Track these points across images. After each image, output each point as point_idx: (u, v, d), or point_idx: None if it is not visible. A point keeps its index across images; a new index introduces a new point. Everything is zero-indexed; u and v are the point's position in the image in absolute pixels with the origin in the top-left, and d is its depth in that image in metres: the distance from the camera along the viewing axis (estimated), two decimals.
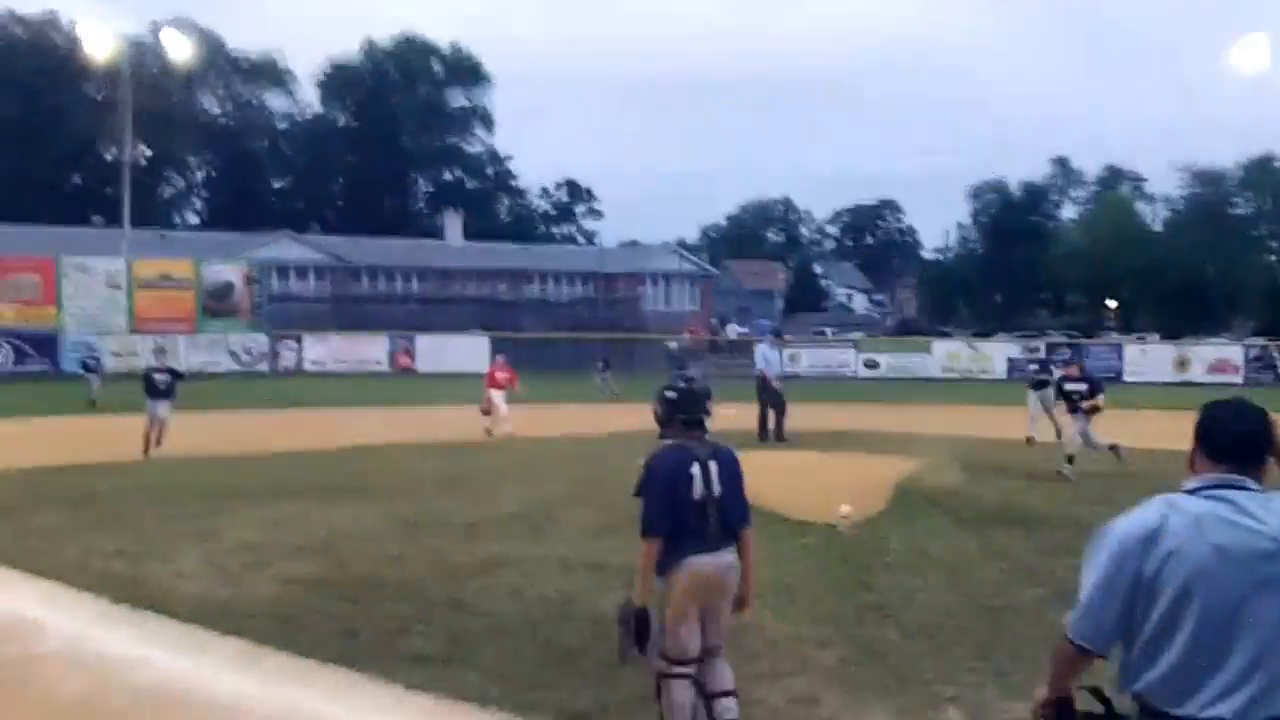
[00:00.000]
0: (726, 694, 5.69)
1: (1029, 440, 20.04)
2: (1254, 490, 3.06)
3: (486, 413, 22.15)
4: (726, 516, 5.57)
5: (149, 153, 51.37)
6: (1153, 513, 3.07)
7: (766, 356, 21.42)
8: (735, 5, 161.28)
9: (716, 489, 5.53)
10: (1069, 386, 16.23)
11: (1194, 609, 2.96)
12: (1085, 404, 15.59)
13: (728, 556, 5.59)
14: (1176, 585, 2.97)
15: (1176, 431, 4.64)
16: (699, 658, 5.63)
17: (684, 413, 5.75)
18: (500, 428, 21.74)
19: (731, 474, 5.66)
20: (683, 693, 5.57)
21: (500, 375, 22.74)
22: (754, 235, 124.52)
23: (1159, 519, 3.04)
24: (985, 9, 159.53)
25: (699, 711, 5.63)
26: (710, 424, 5.80)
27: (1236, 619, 2.93)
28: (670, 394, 5.83)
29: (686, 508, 5.48)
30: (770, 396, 20.61)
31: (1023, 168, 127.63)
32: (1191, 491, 3.10)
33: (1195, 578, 2.95)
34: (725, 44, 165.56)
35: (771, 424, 20.46)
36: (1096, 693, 3.31)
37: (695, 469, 5.52)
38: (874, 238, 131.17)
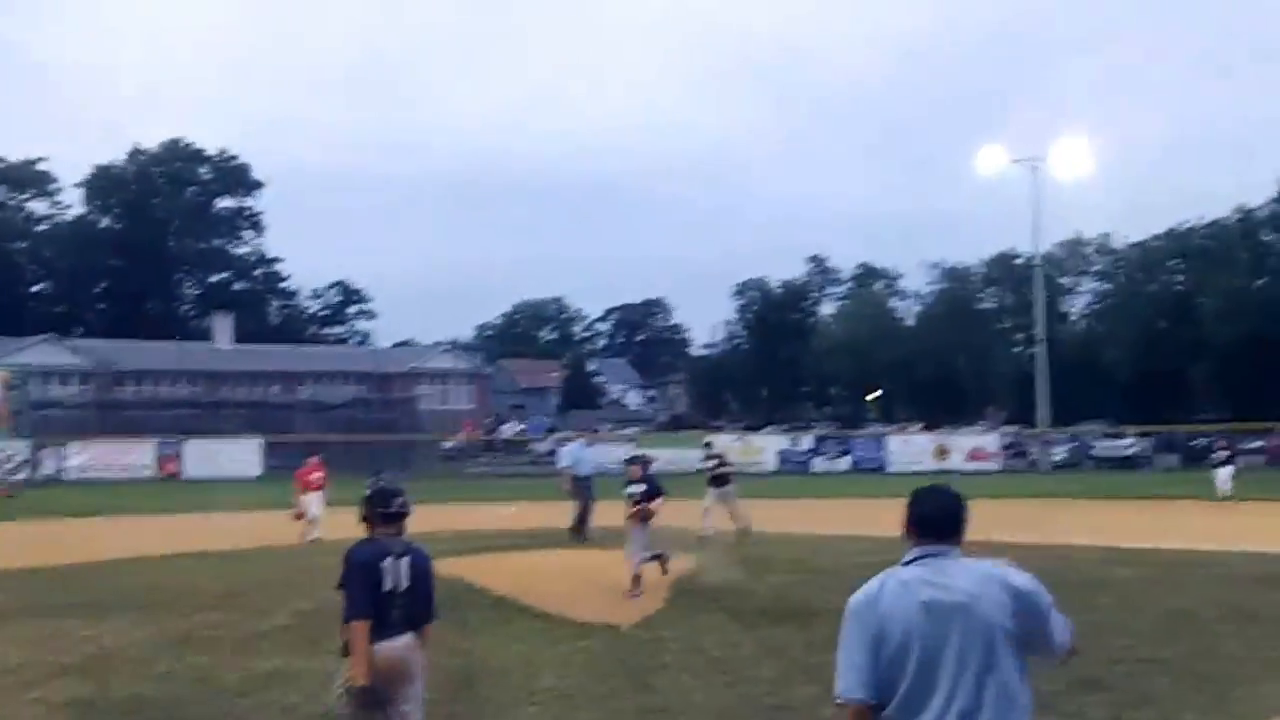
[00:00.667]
0: None
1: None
2: (948, 556, 3.76)
3: (300, 517, 21.08)
4: (412, 610, 5.99)
5: None
6: (874, 582, 3.77)
7: (575, 455, 21.39)
8: (502, 108, 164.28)
9: (404, 583, 5.95)
10: (630, 489, 14.87)
11: (913, 654, 3.62)
12: (644, 506, 14.54)
13: (407, 639, 5.98)
14: (896, 636, 3.64)
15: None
16: None
17: (379, 508, 6.17)
18: (311, 532, 20.72)
19: (421, 571, 6.07)
20: None
21: (315, 476, 21.76)
22: (528, 334, 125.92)
23: (879, 586, 3.75)
24: (745, 115, 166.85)
25: None
26: (407, 523, 6.22)
27: (940, 660, 3.60)
28: (366, 492, 6.32)
29: (379, 598, 5.89)
30: (581, 494, 20.43)
31: (783, 266, 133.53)
32: (906, 563, 3.78)
33: (909, 629, 3.63)
34: (495, 146, 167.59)
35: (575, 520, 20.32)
36: None
37: (388, 562, 5.94)
38: (645, 334, 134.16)
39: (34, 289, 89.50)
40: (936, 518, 3.86)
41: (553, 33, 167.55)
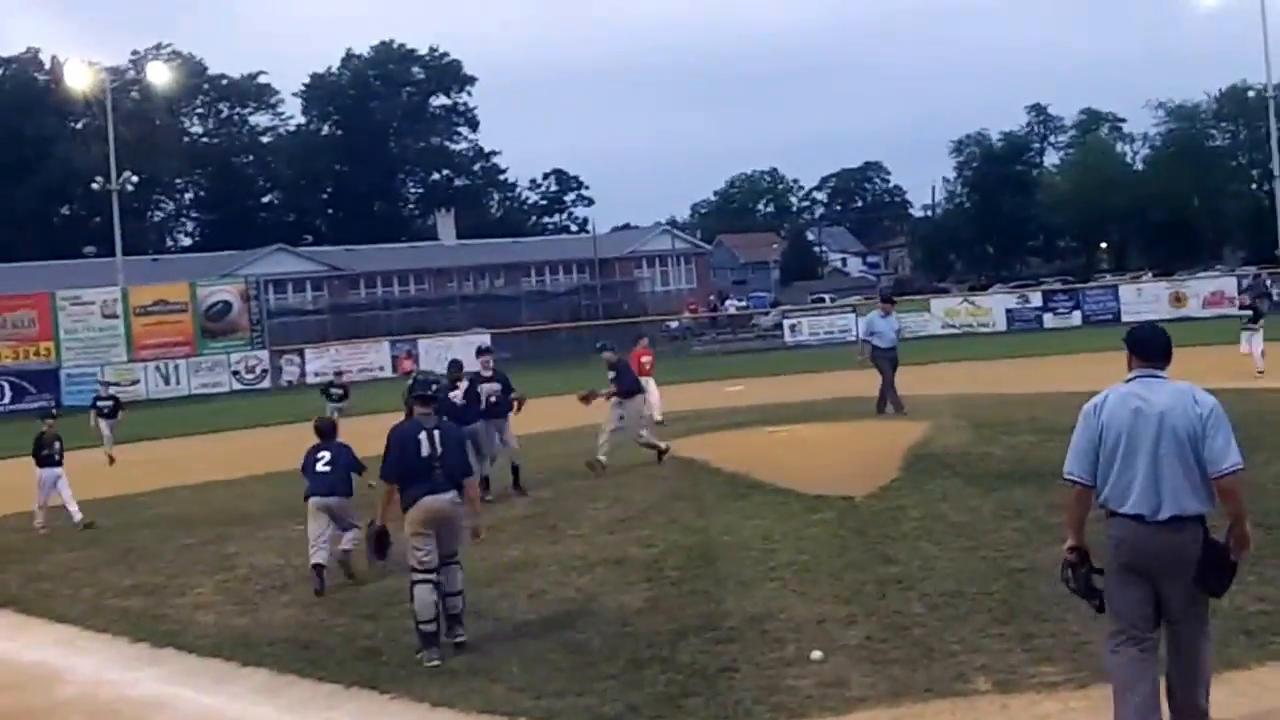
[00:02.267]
0: (455, 594, 7.88)
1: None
2: (1159, 378, 5.15)
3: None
4: (449, 469, 7.91)
5: (136, 179, 51.36)
6: (1100, 395, 5.24)
7: (873, 325, 19.81)
8: None
9: (439, 450, 7.86)
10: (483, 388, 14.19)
11: (1122, 447, 5.05)
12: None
13: (449, 494, 7.86)
14: (1112, 434, 5.09)
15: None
16: (436, 568, 7.73)
17: (417, 393, 8.30)
18: (654, 415, 19.90)
19: (450, 439, 8.12)
20: (424, 592, 7.69)
21: (645, 360, 20.98)
22: (744, 208, 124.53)
23: (1104, 397, 5.21)
24: None
25: (439, 606, 7.74)
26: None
27: (1141, 450, 5.01)
28: (410, 385, 8.69)
29: (417, 462, 7.80)
30: (884, 363, 18.98)
31: (1002, 119, 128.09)
32: (1127, 381, 5.21)
33: (1121, 429, 5.07)
34: (693, 29, 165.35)
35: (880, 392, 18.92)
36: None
37: (423, 435, 7.91)
38: (863, 201, 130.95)
39: (264, 200, 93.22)
40: (1149, 345, 5.25)
41: None
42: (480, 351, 15.46)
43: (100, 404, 23.37)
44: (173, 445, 25.67)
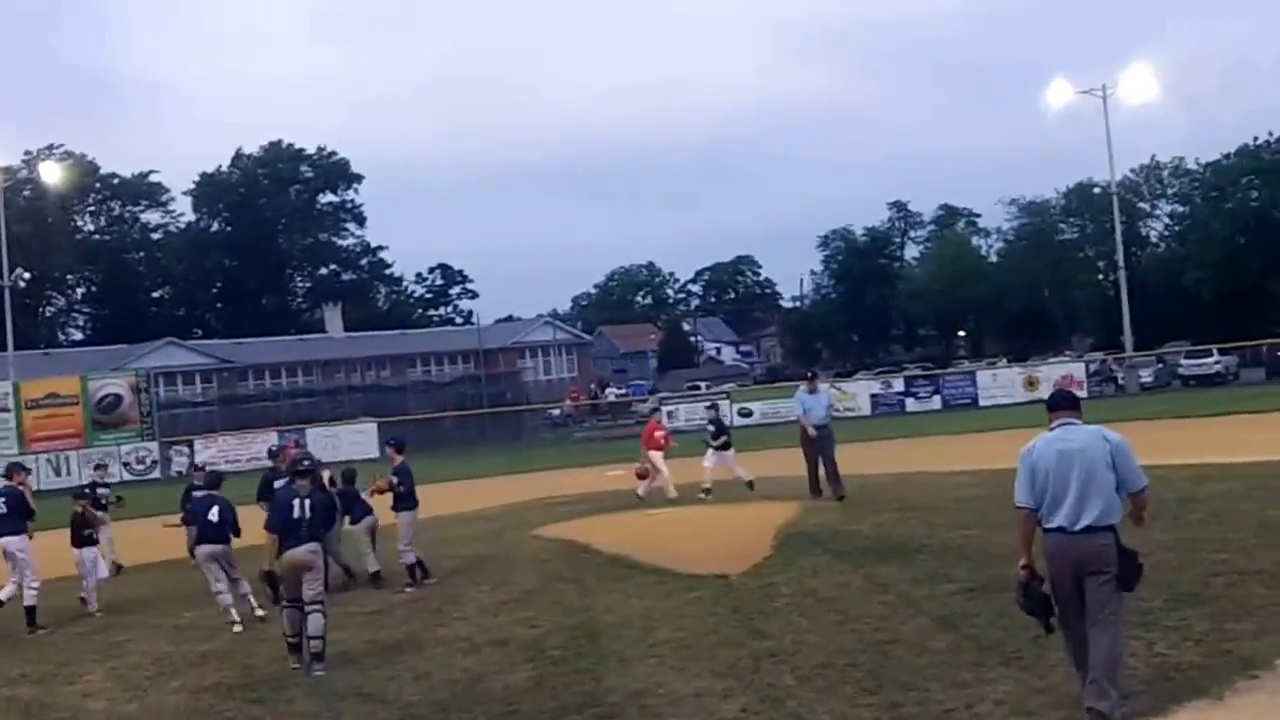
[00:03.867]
0: (316, 637, 9.63)
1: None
2: (1075, 424, 6.70)
3: (643, 477, 20.19)
4: (313, 527, 10.16)
5: (28, 275, 50.90)
6: (1031, 443, 6.76)
7: (804, 404, 18.49)
8: (587, 93, 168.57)
9: (308, 514, 10.15)
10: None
11: (1050, 477, 6.54)
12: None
13: (311, 545, 10.05)
14: (1043, 469, 6.57)
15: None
16: (299, 598, 9.83)
17: (295, 467, 11.04)
18: (667, 490, 19.73)
19: (317, 504, 10.45)
20: (290, 615, 9.92)
21: (658, 435, 20.92)
22: (623, 300, 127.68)
23: (1033, 444, 6.73)
24: (816, 73, 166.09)
25: (300, 625, 9.76)
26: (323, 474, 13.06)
27: (1068, 481, 6.49)
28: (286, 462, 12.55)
29: (290, 521, 10.07)
30: (811, 446, 17.95)
31: (865, 215, 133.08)
32: (1050, 428, 6.74)
33: (1048, 464, 6.57)
34: (573, 132, 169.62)
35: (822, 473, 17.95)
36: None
37: (296, 501, 10.22)
38: (735, 292, 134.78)
39: (154, 295, 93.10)
40: (1063, 400, 6.93)
41: (629, 8, 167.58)
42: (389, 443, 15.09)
43: (100, 493, 17.18)
44: (63, 535, 24.83)
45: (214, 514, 12.37)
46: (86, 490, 16.52)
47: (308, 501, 10.23)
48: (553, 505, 20.79)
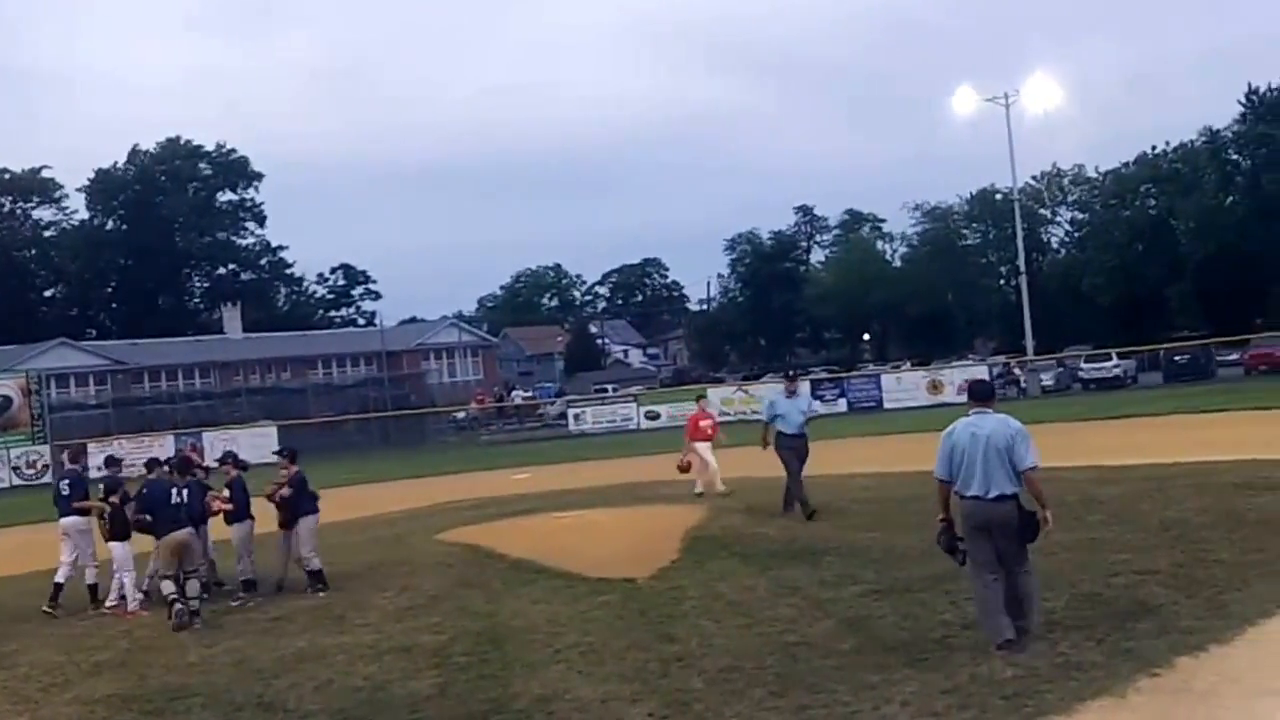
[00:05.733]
0: (193, 576, 12.14)
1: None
2: (986, 413, 8.18)
3: (685, 470, 19.08)
4: (190, 512, 12.42)
5: None
6: (951, 426, 8.28)
7: (777, 408, 16.34)
8: (492, 93, 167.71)
9: (185, 500, 12.36)
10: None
11: (964, 456, 8.02)
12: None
13: (187, 528, 12.29)
14: (959, 447, 8.07)
15: (925, 452, 5.51)
16: (177, 574, 12.00)
17: (178, 465, 13.39)
18: (715, 485, 18.60)
19: (192, 492, 12.69)
20: (168, 585, 11.99)
21: (704, 424, 19.43)
22: (530, 303, 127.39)
23: (953, 427, 8.25)
24: (723, 81, 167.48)
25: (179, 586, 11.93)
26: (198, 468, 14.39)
27: (976, 460, 7.95)
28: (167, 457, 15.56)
29: (167, 509, 12.31)
30: (787, 454, 15.83)
31: (771, 219, 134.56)
32: (967, 414, 8.22)
33: (964, 444, 8.05)
34: (476, 132, 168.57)
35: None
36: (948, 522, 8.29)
37: (173, 490, 12.47)
38: (643, 295, 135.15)
39: (46, 294, 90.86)
40: (980, 390, 8.66)
41: (532, 8, 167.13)
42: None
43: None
44: None
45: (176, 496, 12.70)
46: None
47: (185, 491, 12.45)
48: (457, 509, 20.55)
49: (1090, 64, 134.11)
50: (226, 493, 13.55)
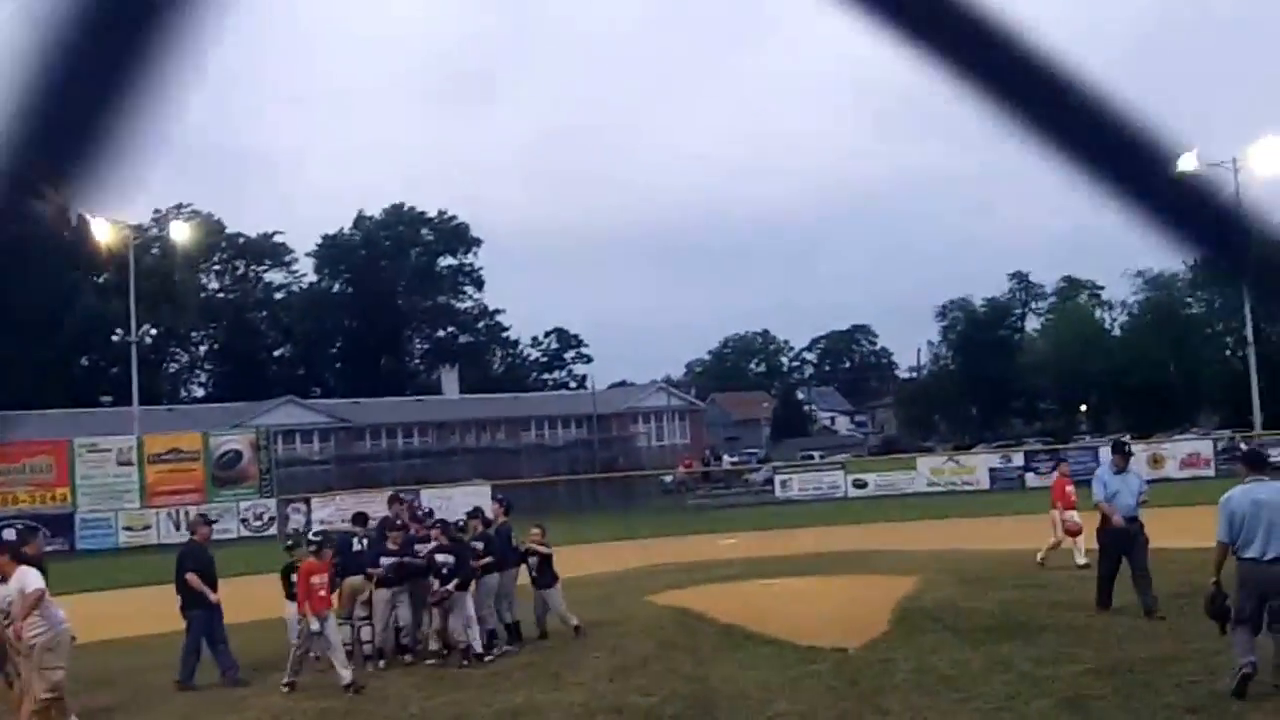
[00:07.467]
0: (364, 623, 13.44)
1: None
2: (1263, 480, 9.22)
3: (1074, 533, 17.64)
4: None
5: (154, 331, 52.72)
6: (1229, 493, 9.30)
7: (1106, 484, 13.53)
8: (709, 170, 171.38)
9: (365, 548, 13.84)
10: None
11: (1245, 521, 8.94)
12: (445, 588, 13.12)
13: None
14: (1239, 513, 9.00)
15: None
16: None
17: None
18: (1076, 557, 17.21)
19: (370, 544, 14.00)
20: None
21: (1070, 489, 18.43)
22: (737, 368, 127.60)
23: (1230, 494, 9.27)
24: (935, 147, 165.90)
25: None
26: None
27: (1258, 525, 8.86)
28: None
29: (349, 555, 13.88)
30: (1113, 541, 13.11)
31: (984, 286, 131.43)
32: (1245, 482, 9.27)
33: (1244, 509, 8.99)
34: (690, 200, 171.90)
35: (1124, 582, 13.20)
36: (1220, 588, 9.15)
37: (354, 540, 14.06)
38: (850, 361, 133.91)
39: (275, 353, 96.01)
40: (1255, 460, 9.78)
41: (747, 88, 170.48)
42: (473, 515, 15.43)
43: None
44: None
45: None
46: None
47: (365, 541, 14.09)
48: (666, 572, 20.82)
49: None
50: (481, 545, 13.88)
